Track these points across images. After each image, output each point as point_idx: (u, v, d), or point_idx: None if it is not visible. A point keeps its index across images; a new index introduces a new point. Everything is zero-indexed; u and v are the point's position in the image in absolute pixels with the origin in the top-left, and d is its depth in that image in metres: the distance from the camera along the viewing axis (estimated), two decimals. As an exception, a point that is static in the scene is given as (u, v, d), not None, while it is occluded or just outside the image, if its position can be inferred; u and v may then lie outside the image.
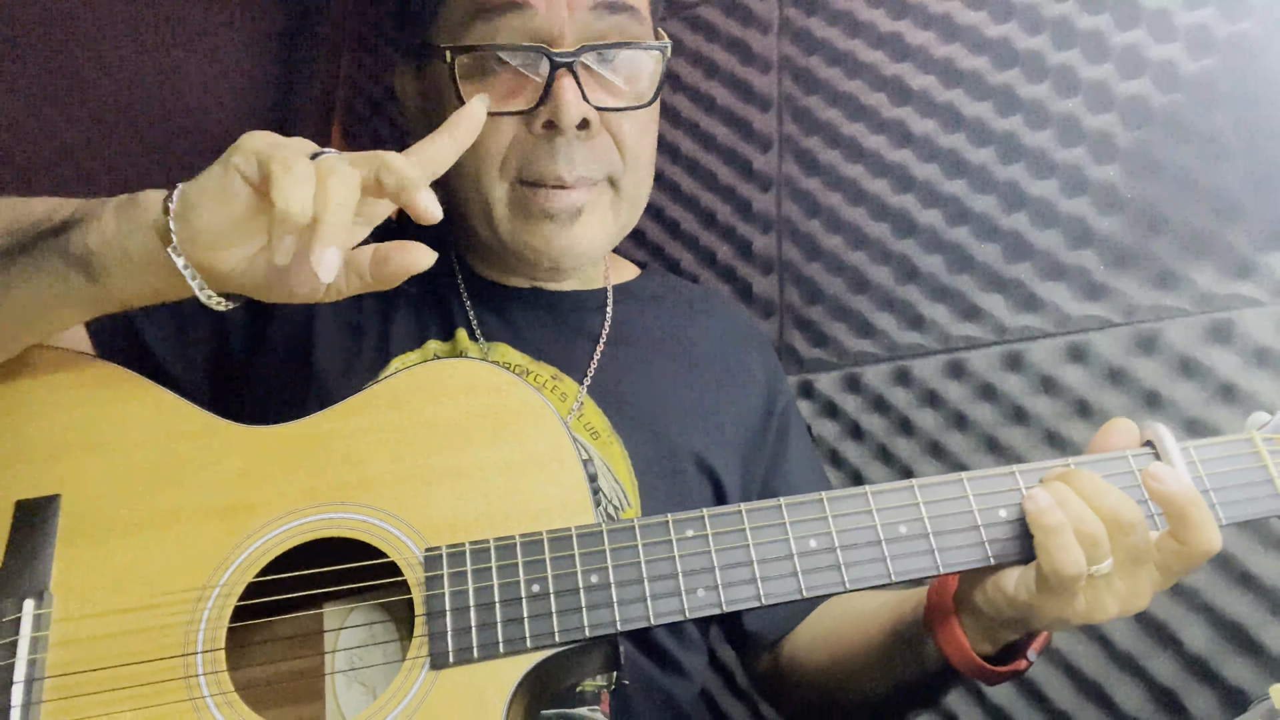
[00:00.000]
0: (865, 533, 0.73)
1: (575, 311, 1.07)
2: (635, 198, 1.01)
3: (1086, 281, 1.23)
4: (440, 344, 1.00)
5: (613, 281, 1.12)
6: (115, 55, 2.11)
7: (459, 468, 0.77)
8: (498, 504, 0.75)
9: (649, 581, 0.72)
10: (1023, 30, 1.32)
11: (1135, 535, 0.70)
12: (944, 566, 0.73)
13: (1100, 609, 0.72)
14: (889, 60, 1.46)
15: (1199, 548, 0.71)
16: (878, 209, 1.45)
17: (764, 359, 1.14)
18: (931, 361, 1.38)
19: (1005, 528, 0.74)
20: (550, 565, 0.72)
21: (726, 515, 0.74)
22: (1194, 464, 0.76)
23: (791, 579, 0.72)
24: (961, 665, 0.77)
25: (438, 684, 0.70)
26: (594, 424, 0.98)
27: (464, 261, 1.08)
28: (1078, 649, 1.18)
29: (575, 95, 0.90)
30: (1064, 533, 0.69)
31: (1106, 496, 0.71)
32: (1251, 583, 1.06)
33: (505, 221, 0.96)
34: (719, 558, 0.72)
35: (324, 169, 0.68)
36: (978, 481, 0.75)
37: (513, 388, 0.80)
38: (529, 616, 0.71)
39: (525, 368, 1.00)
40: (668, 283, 1.21)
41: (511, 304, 1.05)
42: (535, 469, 0.77)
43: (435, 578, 0.72)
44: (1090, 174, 1.24)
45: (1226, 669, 1.06)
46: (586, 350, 1.03)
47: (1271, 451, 0.78)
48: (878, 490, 0.75)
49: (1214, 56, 1.14)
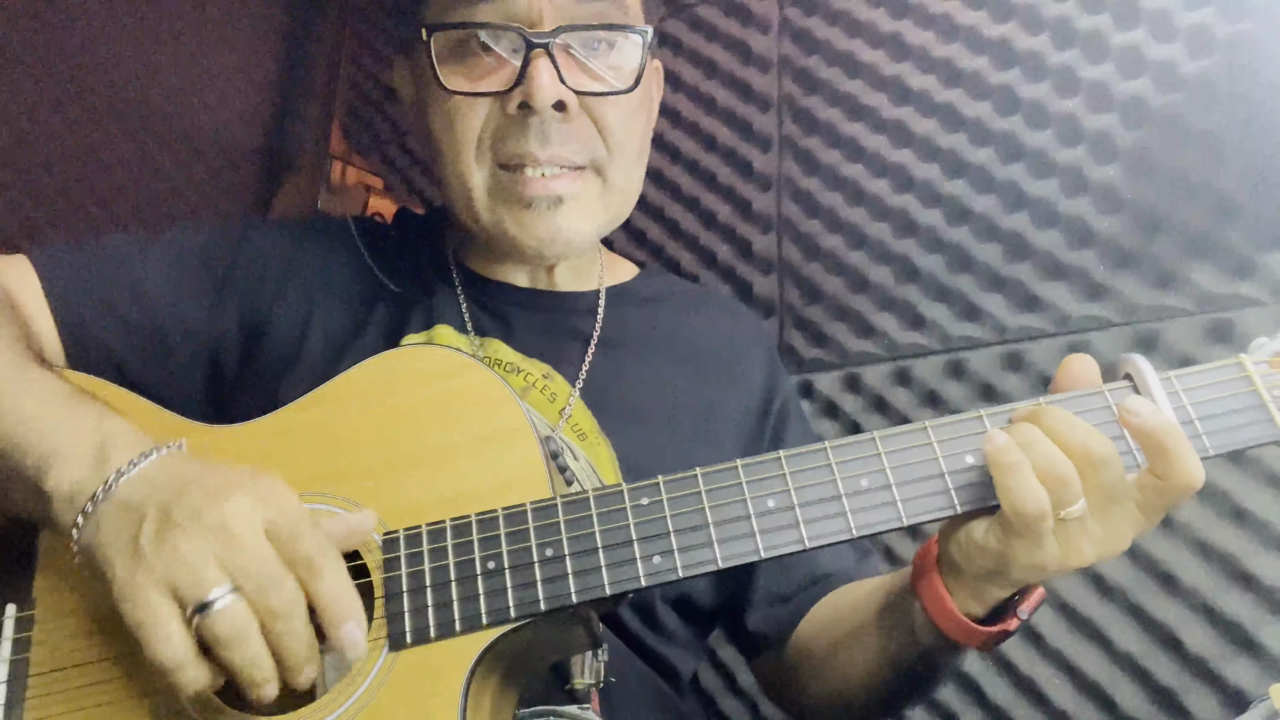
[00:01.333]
0: (825, 488, 0.71)
1: (568, 313, 1.07)
2: (625, 188, 1.00)
3: (1086, 281, 1.23)
4: (415, 336, 1.01)
5: (608, 283, 1.12)
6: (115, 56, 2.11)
7: (419, 452, 0.77)
8: (459, 485, 0.76)
9: (604, 550, 0.71)
10: (1023, 30, 1.32)
11: (1108, 472, 0.67)
12: (908, 517, 0.70)
13: (1077, 554, 0.69)
14: (889, 60, 1.46)
15: (1179, 481, 0.67)
16: (878, 209, 1.45)
17: (764, 359, 1.14)
18: (931, 361, 1.38)
19: (972, 474, 0.71)
20: (505, 541, 0.72)
21: (682, 480, 0.73)
22: (1177, 394, 0.72)
23: (749, 539, 0.71)
24: (945, 624, 0.74)
25: (397, 665, 0.70)
26: (581, 425, 0.98)
27: (460, 259, 1.09)
28: (1078, 649, 1.18)
29: (550, 76, 0.89)
30: (1021, 470, 0.67)
31: (1075, 432, 0.68)
32: (1251, 583, 1.06)
33: (485, 208, 0.96)
34: (674, 522, 0.72)
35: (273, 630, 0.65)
36: (942, 428, 0.72)
37: (468, 370, 0.80)
38: (484, 593, 0.71)
39: (517, 365, 1.00)
40: (666, 282, 1.21)
41: (505, 303, 1.05)
42: (494, 448, 0.77)
43: (393, 560, 0.73)
44: (1090, 174, 1.24)
45: (1226, 669, 1.06)
46: (578, 352, 1.03)
47: (1263, 376, 0.73)
48: (838, 444, 0.73)
49: (1214, 56, 1.14)
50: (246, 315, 1.01)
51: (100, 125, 2.09)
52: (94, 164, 2.09)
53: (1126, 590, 1.15)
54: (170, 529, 0.65)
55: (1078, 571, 1.20)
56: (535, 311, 1.05)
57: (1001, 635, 0.75)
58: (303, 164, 2.32)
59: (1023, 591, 0.75)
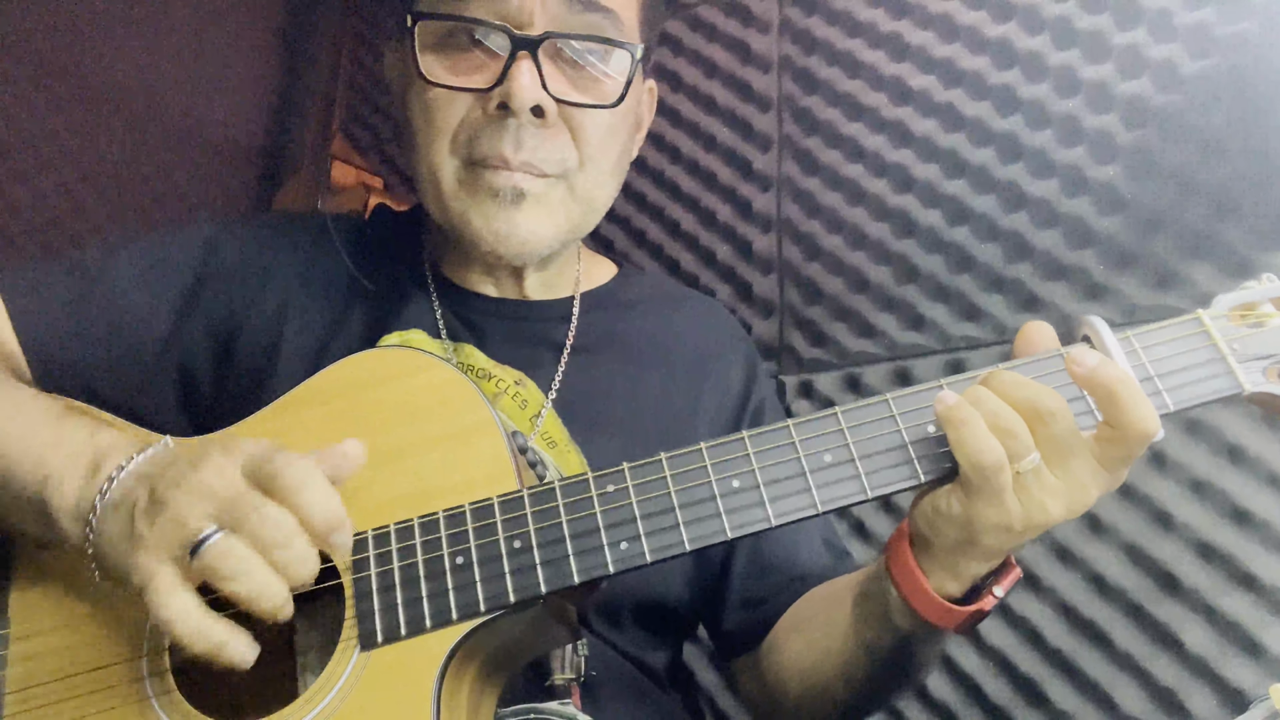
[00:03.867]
0: (789, 465, 0.72)
1: (541, 321, 1.06)
2: (590, 200, 0.99)
3: (1086, 281, 1.23)
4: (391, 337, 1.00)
5: (584, 287, 1.11)
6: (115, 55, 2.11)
7: (386, 451, 0.77)
8: (426, 482, 0.76)
9: (571, 540, 0.72)
10: (1023, 30, 1.32)
11: (1056, 424, 0.68)
12: (872, 490, 0.71)
13: (1040, 510, 0.69)
14: (889, 60, 1.46)
15: (1134, 429, 0.68)
16: (878, 209, 1.45)
17: (742, 359, 1.12)
18: (931, 361, 1.38)
19: (934, 443, 0.72)
20: (473, 535, 0.72)
21: (648, 465, 0.74)
22: (1135, 352, 0.73)
23: (715, 519, 0.71)
24: (919, 603, 0.74)
25: (370, 665, 0.70)
26: (551, 434, 0.98)
27: (435, 265, 1.08)
28: (1078, 649, 1.18)
29: (532, 79, 0.89)
30: (973, 423, 0.67)
31: (1021, 389, 0.69)
32: (1251, 583, 1.06)
33: (451, 199, 0.95)
34: (640, 508, 0.72)
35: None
36: (903, 400, 0.73)
37: (431, 368, 0.81)
38: (454, 588, 0.71)
39: (489, 371, 0.99)
40: (643, 284, 1.19)
41: (479, 311, 1.05)
42: (460, 444, 0.77)
43: (361, 560, 0.73)
44: (1090, 174, 1.23)
45: (1226, 669, 1.06)
46: (551, 360, 1.03)
47: (1221, 330, 0.73)
48: (800, 422, 0.73)
49: (1214, 56, 1.14)
50: (217, 322, 1.00)
51: (101, 125, 2.09)
52: (94, 164, 2.09)
53: (1126, 590, 1.15)
54: (156, 504, 0.67)
55: (1077, 571, 1.20)
56: (508, 320, 1.05)
57: (978, 615, 0.75)
58: (303, 164, 2.31)
59: (997, 572, 0.75)
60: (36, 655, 0.74)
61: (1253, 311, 0.75)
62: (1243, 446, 1.08)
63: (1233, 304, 0.75)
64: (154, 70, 2.16)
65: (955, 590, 0.74)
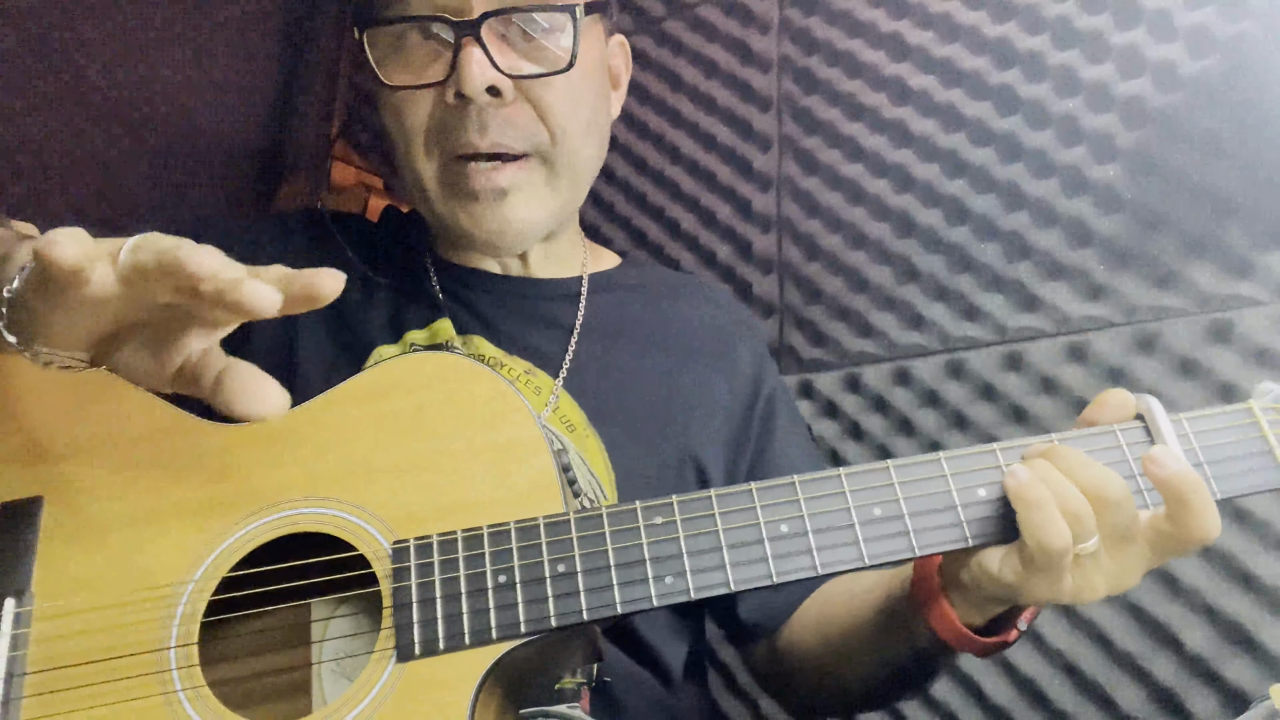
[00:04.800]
0: (839, 515, 0.72)
1: (548, 301, 1.05)
2: (574, 172, 0.99)
3: (1086, 281, 1.23)
4: (419, 333, 1.00)
5: (590, 270, 1.11)
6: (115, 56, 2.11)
7: (429, 459, 0.76)
8: (468, 494, 0.75)
9: (616, 569, 0.71)
10: (1023, 30, 1.32)
11: (1121, 512, 0.68)
12: (919, 549, 0.71)
13: (1089, 588, 0.70)
14: (889, 60, 1.46)
15: (1195, 533, 0.68)
16: (878, 209, 1.45)
17: (751, 347, 1.12)
18: (931, 361, 1.38)
19: (984, 507, 0.72)
20: (517, 555, 0.72)
21: (696, 501, 0.73)
22: (1186, 436, 0.73)
23: (762, 564, 0.71)
24: (951, 639, 0.75)
25: (405, 676, 0.69)
26: (570, 417, 0.97)
27: (435, 250, 1.08)
28: (1078, 649, 1.18)
29: (480, 63, 0.89)
30: (1047, 507, 0.67)
31: (1088, 470, 0.68)
32: (1251, 583, 1.06)
33: (437, 200, 0.96)
34: (688, 544, 0.71)
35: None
36: (956, 460, 0.73)
37: (483, 378, 0.80)
38: (495, 607, 0.70)
39: (500, 360, 0.99)
40: (650, 271, 1.20)
41: (483, 293, 1.04)
42: (505, 458, 0.76)
43: (402, 570, 0.72)
44: (1090, 174, 1.23)
45: (1226, 669, 1.06)
46: (560, 342, 1.02)
47: (1271, 423, 0.75)
48: (852, 472, 0.73)
49: (1214, 56, 1.14)
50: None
51: (100, 125, 2.09)
52: (94, 164, 2.09)
53: (1127, 590, 1.15)
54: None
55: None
56: (514, 300, 1.05)
57: (1001, 645, 0.76)
58: (303, 164, 2.32)
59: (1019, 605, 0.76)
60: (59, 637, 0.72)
61: None
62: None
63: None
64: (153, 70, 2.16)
65: (978, 621, 0.76)
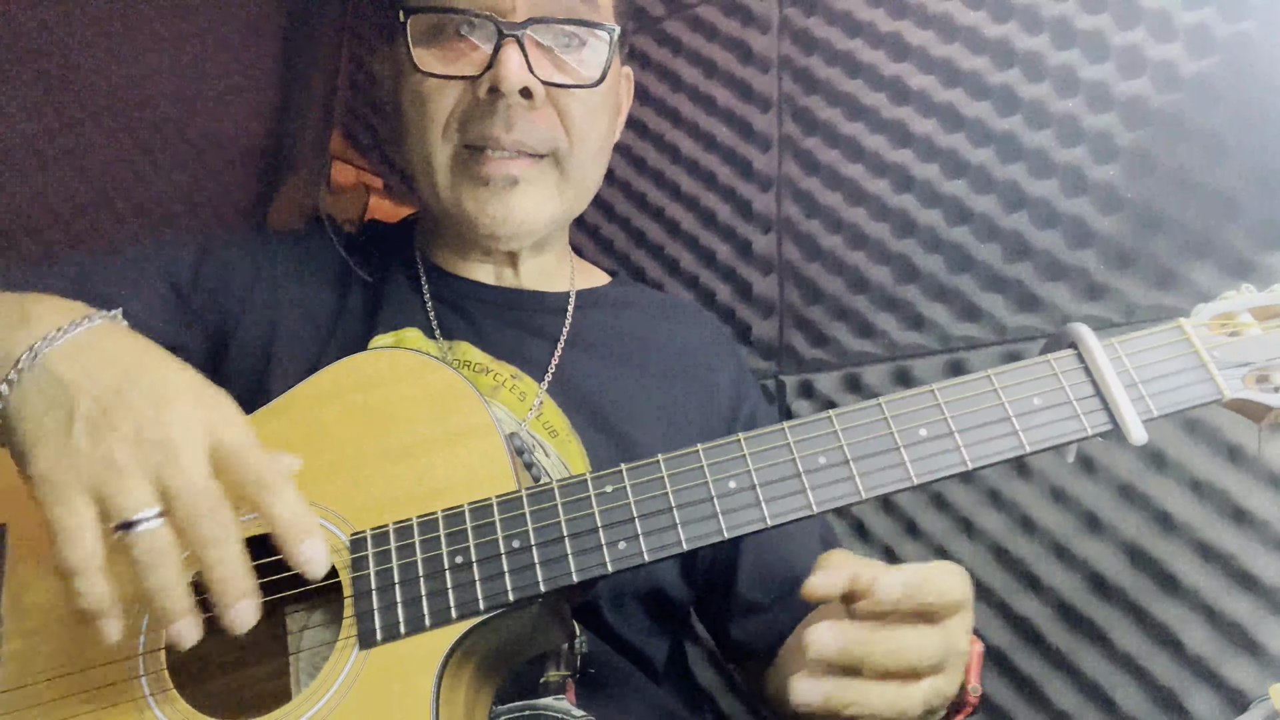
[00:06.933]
0: (784, 467, 0.73)
1: (536, 313, 1.08)
2: (581, 182, 1.03)
3: (1086, 281, 1.23)
4: (384, 338, 1.02)
5: (578, 286, 1.14)
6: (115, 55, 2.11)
7: (385, 452, 0.78)
8: (425, 483, 0.77)
9: (569, 539, 0.72)
10: (1023, 30, 1.32)
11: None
12: (866, 491, 0.72)
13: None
14: (889, 60, 1.46)
15: (947, 599, 0.67)
16: (878, 209, 1.45)
17: (731, 366, 1.15)
18: (931, 361, 1.38)
19: (926, 445, 0.73)
20: (472, 535, 0.73)
21: (645, 467, 0.75)
22: (1120, 358, 0.75)
23: (712, 520, 0.72)
24: None
25: (368, 663, 0.70)
26: (553, 423, 0.99)
27: (427, 256, 1.11)
28: (1078, 649, 1.18)
29: (519, 63, 0.93)
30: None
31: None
32: (1251, 583, 1.06)
33: (445, 185, 0.99)
34: (638, 508, 0.73)
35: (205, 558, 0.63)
36: (895, 403, 0.74)
37: (433, 371, 0.82)
38: (453, 587, 0.72)
39: (486, 366, 1.01)
40: (636, 291, 1.23)
41: (473, 301, 1.07)
42: (458, 445, 0.78)
43: (360, 559, 0.74)
44: (1090, 174, 1.23)
45: (1226, 669, 1.06)
46: (547, 351, 1.05)
47: (1203, 338, 0.76)
48: (795, 424, 0.75)
49: (1214, 56, 1.13)
50: (210, 325, 1.02)
51: (100, 125, 2.09)
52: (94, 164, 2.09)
53: (1126, 590, 1.15)
54: (106, 431, 0.62)
55: (1077, 573, 1.20)
56: (502, 309, 1.07)
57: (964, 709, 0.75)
58: (303, 164, 2.31)
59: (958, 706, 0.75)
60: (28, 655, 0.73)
61: (1231, 320, 0.77)
62: (1243, 446, 1.08)
63: (1212, 313, 0.77)
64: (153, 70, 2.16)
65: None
